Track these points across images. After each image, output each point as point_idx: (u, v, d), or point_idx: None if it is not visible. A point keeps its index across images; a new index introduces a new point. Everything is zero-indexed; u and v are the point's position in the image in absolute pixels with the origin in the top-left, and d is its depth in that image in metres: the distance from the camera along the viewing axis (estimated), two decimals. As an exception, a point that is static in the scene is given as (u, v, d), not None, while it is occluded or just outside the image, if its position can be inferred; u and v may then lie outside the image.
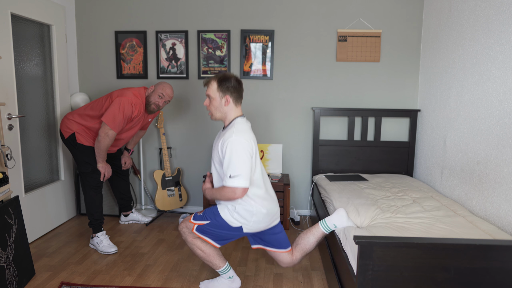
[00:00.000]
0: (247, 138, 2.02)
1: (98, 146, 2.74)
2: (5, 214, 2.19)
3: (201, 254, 2.17)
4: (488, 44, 2.35)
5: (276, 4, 3.45)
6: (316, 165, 3.50)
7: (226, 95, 2.08)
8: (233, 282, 2.27)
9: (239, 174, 1.96)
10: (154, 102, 2.87)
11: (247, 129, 2.08)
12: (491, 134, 2.28)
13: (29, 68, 2.97)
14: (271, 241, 2.26)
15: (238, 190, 1.97)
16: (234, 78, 2.11)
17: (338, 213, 2.22)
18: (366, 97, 3.50)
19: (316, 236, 2.27)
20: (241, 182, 1.97)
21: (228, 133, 2.02)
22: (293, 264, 2.30)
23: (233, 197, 1.99)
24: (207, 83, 2.12)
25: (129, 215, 3.40)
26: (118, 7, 3.55)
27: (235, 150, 1.97)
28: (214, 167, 2.15)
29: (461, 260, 1.55)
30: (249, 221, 2.10)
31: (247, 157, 1.99)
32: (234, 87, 2.09)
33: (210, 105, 2.13)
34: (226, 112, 2.12)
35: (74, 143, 2.83)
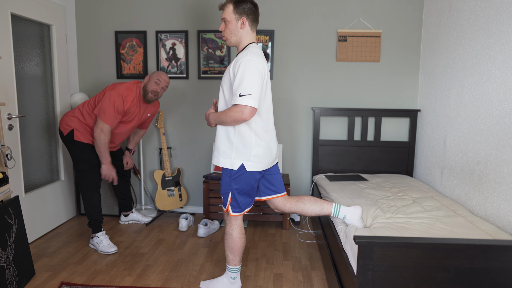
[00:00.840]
0: (260, 61, 1.97)
1: (97, 145, 2.75)
2: (5, 214, 2.19)
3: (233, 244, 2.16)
4: (488, 44, 2.35)
5: (276, 4, 3.45)
6: (316, 165, 3.50)
7: (243, 17, 2.03)
8: (233, 284, 2.26)
9: (249, 93, 1.88)
10: (151, 90, 2.85)
11: (261, 53, 2.03)
12: (491, 134, 2.28)
13: (29, 68, 2.97)
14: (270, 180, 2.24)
15: (247, 109, 1.88)
16: (251, 0, 2.05)
17: (355, 209, 2.19)
18: (366, 97, 3.50)
19: (322, 211, 2.27)
20: (251, 101, 1.88)
21: (242, 54, 1.97)
22: (282, 212, 2.32)
23: (240, 118, 1.90)
24: (223, 6, 2.06)
25: (129, 215, 3.40)
26: (118, 7, 3.55)
27: (248, 69, 1.90)
28: (222, 93, 2.08)
29: (461, 260, 1.55)
30: (249, 156, 2.04)
31: (259, 78, 1.93)
32: (250, 9, 2.04)
33: (225, 29, 2.07)
34: (242, 36, 2.06)
35: (72, 140, 2.83)
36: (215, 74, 3.55)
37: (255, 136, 2.04)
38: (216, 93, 3.59)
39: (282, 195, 2.30)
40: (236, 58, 2.00)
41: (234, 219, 2.16)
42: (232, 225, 2.17)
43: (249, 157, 2.04)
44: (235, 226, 2.17)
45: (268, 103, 2.11)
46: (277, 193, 2.28)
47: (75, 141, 2.82)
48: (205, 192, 3.31)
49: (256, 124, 2.05)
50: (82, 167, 2.81)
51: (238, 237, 2.17)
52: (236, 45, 2.11)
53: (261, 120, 2.07)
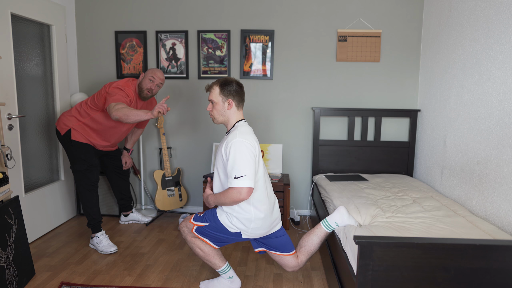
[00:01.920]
0: (250, 140, 2.03)
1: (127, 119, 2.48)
2: (5, 214, 2.19)
3: (201, 253, 2.18)
4: (488, 44, 2.35)
5: (276, 4, 3.45)
6: (316, 165, 3.50)
7: (229, 99, 2.11)
8: (233, 282, 2.27)
9: (244, 174, 1.96)
10: (146, 87, 2.84)
11: (249, 131, 2.10)
12: (491, 134, 2.28)
13: (29, 68, 2.97)
14: (274, 244, 2.25)
15: (244, 190, 1.96)
16: (236, 82, 2.14)
17: (339, 211, 2.23)
18: (366, 97, 3.50)
19: (319, 236, 2.27)
20: (246, 182, 1.96)
21: (231, 136, 2.04)
22: (298, 267, 2.29)
23: (238, 198, 1.98)
24: (209, 88, 2.15)
25: (129, 215, 3.40)
26: (118, 7, 3.55)
27: (239, 151, 1.98)
28: (217, 173, 2.15)
29: (461, 260, 1.55)
30: (248, 227, 2.10)
31: (251, 157, 2.00)
32: (236, 91, 2.12)
33: (213, 109, 2.15)
34: (229, 116, 2.14)
35: (69, 140, 2.82)
36: (215, 74, 3.55)
37: (254, 209, 2.08)
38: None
39: (290, 254, 2.28)
40: (227, 140, 2.06)
41: (191, 237, 2.18)
42: (191, 243, 2.19)
43: (248, 229, 2.11)
44: (194, 245, 2.18)
45: (262, 175, 2.14)
46: (285, 252, 2.27)
47: (73, 141, 2.81)
48: (205, 192, 3.31)
49: (254, 198, 2.08)
50: (80, 167, 2.80)
51: (203, 249, 2.18)
52: (224, 123, 2.20)
53: (258, 194, 2.10)
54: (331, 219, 2.24)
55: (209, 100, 2.16)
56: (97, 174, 2.87)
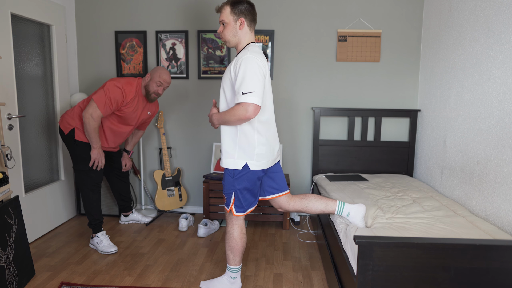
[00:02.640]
0: (261, 59, 1.99)
1: (86, 129, 2.68)
2: (5, 214, 2.19)
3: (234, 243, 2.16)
4: (488, 44, 2.35)
5: (276, 4, 3.45)
6: (316, 165, 3.50)
7: (241, 17, 2.05)
8: (233, 283, 2.26)
9: (252, 90, 1.89)
10: (153, 91, 2.83)
11: (261, 52, 2.05)
12: (491, 134, 2.28)
13: (29, 68, 2.97)
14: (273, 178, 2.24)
15: (251, 107, 1.89)
16: (247, 1, 2.07)
17: (360, 207, 2.21)
18: (366, 97, 3.50)
19: (326, 207, 2.28)
20: (254, 99, 1.89)
21: (242, 53, 1.98)
22: (286, 210, 2.32)
23: (244, 116, 1.90)
24: (220, 8, 2.08)
25: (129, 215, 3.40)
26: (118, 7, 3.55)
27: (250, 67, 1.91)
28: (223, 93, 2.08)
29: (461, 260, 1.55)
30: (252, 155, 2.04)
31: (261, 76, 1.95)
32: (248, 10, 2.06)
33: (224, 30, 2.09)
34: (241, 36, 2.07)
35: (73, 139, 2.81)
36: (215, 74, 3.55)
37: (257, 135, 2.05)
38: (216, 93, 3.59)
39: (285, 193, 2.30)
40: (236, 57, 2.01)
41: (235, 219, 2.16)
42: (233, 224, 2.17)
43: (252, 156, 2.05)
44: (236, 226, 2.17)
45: (269, 102, 2.12)
46: (281, 191, 2.28)
47: (76, 141, 2.80)
48: (205, 192, 3.31)
49: (259, 122, 2.05)
50: (83, 167, 2.80)
51: (239, 237, 2.17)
52: (235, 46, 2.12)
53: (263, 118, 2.07)
54: (348, 207, 2.23)
55: (219, 22, 2.10)
56: (100, 174, 2.86)
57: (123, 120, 2.87)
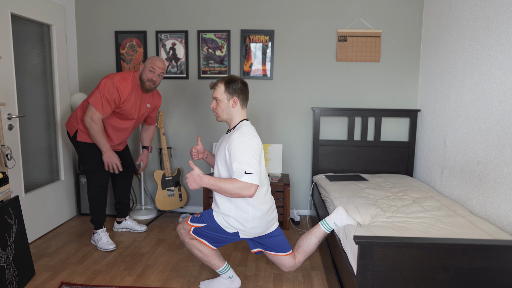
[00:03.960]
0: (256, 141, 2.04)
1: (91, 134, 2.68)
2: (5, 214, 2.19)
3: (199, 254, 2.18)
4: (488, 44, 2.35)
5: (276, 4, 3.45)
6: (316, 165, 3.50)
7: (234, 97, 2.11)
8: (233, 282, 2.27)
9: (254, 172, 1.94)
10: (147, 79, 2.73)
11: (253, 131, 2.10)
12: (491, 134, 2.28)
13: (29, 68, 2.97)
14: (270, 244, 2.25)
15: (253, 188, 1.94)
16: (241, 80, 2.14)
17: (337, 212, 2.23)
18: (366, 97, 3.50)
19: (317, 236, 2.27)
20: (256, 180, 1.94)
21: (238, 134, 2.02)
22: (295, 267, 2.29)
23: (246, 193, 1.94)
24: (214, 85, 2.13)
25: (122, 222, 3.23)
26: (118, 7, 3.55)
27: (250, 149, 1.97)
28: (217, 169, 2.14)
29: (461, 260, 1.55)
30: (245, 227, 2.10)
31: (258, 157, 2.01)
32: (241, 89, 2.12)
33: (217, 107, 2.14)
34: (233, 114, 2.13)
35: (77, 142, 2.82)
36: (215, 74, 3.55)
37: (252, 209, 2.08)
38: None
39: (287, 254, 2.27)
40: (230, 138, 2.03)
41: (189, 238, 2.18)
42: (189, 245, 2.19)
43: (245, 228, 2.11)
44: (192, 246, 2.18)
45: (264, 175, 2.16)
46: (282, 252, 2.27)
47: (79, 142, 2.81)
48: (205, 192, 3.31)
49: (253, 198, 2.08)
50: (88, 168, 2.80)
51: (202, 250, 2.18)
52: (227, 122, 2.18)
53: (258, 193, 2.10)
54: (330, 220, 2.24)
55: (213, 98, 2.15)
56: (106, 175, 2.84)
57: (123, 116, 2.82)
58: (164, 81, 3.61)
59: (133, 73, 2.79)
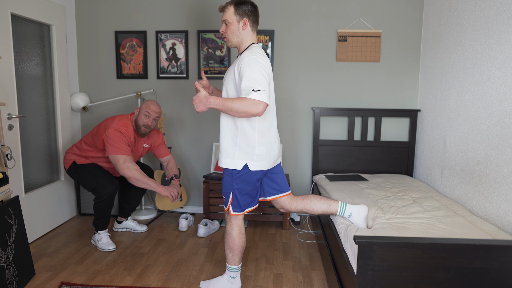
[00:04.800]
0: (266, 60, 2.01)
1: (136, 180, 2.67)
2: (5, 214, 2.19)
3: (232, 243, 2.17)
4: (488, 44, 2.35)
5: (276, 4, 3.45)
6: (316, 165, 3.50)
7: (244, 18, 2.06)
8: (233, 283, 2.26)
9: (263, 89, 1.89)
10: (143, 124, 2.80)
11: (264, 53, 2.06)
12: (491, 134, 2.28)
13: (29, 68, 2.97)
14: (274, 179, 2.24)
15: (261, 105, 1.87)
16: (250, 2, 2.09)
17: (362, 208, 2.22)
18: (366, 97, 3.50)
19: (328, 208, 2.28)
20: (264, 98, 1.88)
21: (248, 53, 1.99)
22: (288, 211, 2.32)
23: (254, 111, 1.88)
24: (223, 8, 2.08)
25: (122, 222, 3.23)
26: (118, 7, 3.55)
27: (258, 67, 1.92)
28: (226, 92, 2.08)
29: (461, 260, 1.55)
30: (252, 155, 2.04)
31: (268, 76, 1.97)
32: (251, 11, 2.07)
33: (227, 30, 2.09)
34: (243, 37, 2.09)
35: (75, 169, 2.85)
36: (215, 74, 3.55)
37: (258, 135, 2.05)
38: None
39: (287, 194, 2.30)
40: (239, 57, 2.01)
41: (234, 218, 2.17)
42: (232, 224, 2.17)
43: (252, 156, 2.05)
44: (235, 225, 2.17)
45: (272, 103, 2.13)
46: (282, 192, 2.28)
47: (77, 166, 2.85)
48: (205, 192, 3.31)
49: (260, 123, 2.05)
50: (90, 185, 2.79)
51: (238, 236, 2.17)
52: (237, 46, 2.13)
53: (265, 119, 2.08)
54: (350, 208, 2.23)
55: (222, 21, 2.10)
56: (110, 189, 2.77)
57: None
58: (164, 81, 3.61)
59: (130, 116, 2.87)
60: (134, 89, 3.64)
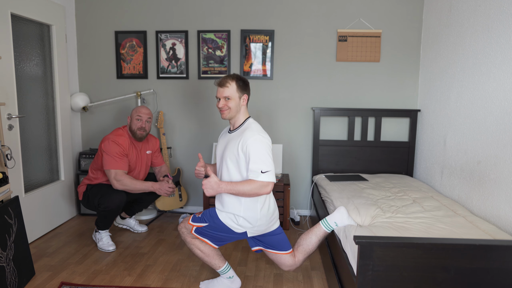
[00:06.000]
0: (268, 137, 2.07)
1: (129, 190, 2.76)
2: (5, 214, 2.19)
3: (200, 254, 2.18)
4: (488, 44, 2.35)
5: (276, 4, 3.45)
6: (316, 165, 3.50)
7: (245, 94, 2.13)
8: (233, 282, 2.27)
9: (270, 169, 1.98)
10: (137, 128, 2.85)
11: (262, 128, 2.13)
12: (491, 134, 2.28)
13: (29, 68, 2.97)
14: (271, 242, 2.25)
15: (270, 185, 1.99)
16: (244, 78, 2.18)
17: (339, 211, 2.24)
18: (366, 97, 3.50)
19: (318, 235, 2.27)
20: (272, 178, 1.99)
21: (250, 133, 2.03)
22: (295, 266, 2.29)
23: (264, 192, 1.99)
24: (225, 84, 2.10)
25: (126, 219, 3.23)
26: (118, 7, 3.55)
27: (265, 147, 2.00)
28: (226, 166, 2.11)
29: (461, 260, 1.55)
30: (254, 225, 2.11)
31: (271, 154, 2.05)
32: (248, 87, 2.17)
33: (228, 104, 2.10)
34: (242, 112, 2.15)
35: (87, 193, 2.86)
36: (215, 74, 3.55)
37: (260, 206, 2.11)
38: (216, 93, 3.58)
39: (288, 252, 2.27)
40: (243, 137, 2.03)
41: (191, 238, 2.18)
42: (190, 244, 2.19)
43: (254, 227, 2.12)
44: (193, 246, 2.18)
45: None
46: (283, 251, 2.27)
47: (87, 188, 2.87)
48: (205, 192, 3.31)
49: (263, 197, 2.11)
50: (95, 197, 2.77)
51: (204, 249, 2.18)
52: (232, 119, 2.16)
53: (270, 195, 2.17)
54: (330, 219, 2.25)
55: (222, 97, 2.11)
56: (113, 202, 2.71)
57: (130, 168, 2.90)
58: (164, 81, 3.61)
59: (123, 128, 2.92)
60: (134, 89, 3.64)
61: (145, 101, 3.63)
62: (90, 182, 2.90)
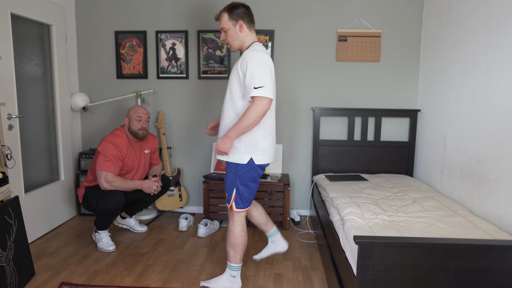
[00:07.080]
0: (266, 56, 2.06)
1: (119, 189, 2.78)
2: (5, 214, 2.19)
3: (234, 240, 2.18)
4: (488, 44, 2.35)
5: (276, 4, 3.45)
6: (316, 165, 3.50)
7: (239, 21, 2.12)
8: (233, 282, 2.26)
9: (264, 85, 1.94)
10: (138, 128, 2.86)
11: (265, 50, 2.12)
12: (491, 134, 2.28)
13: (29, 68, 2.97)
14: None
15: (266, 100, 1.94)
16: (242, 4, 2.15)
17: None
18: (366, 97, 3.50)
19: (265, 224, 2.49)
20: (267, 93, 1.94)
21: (248, 51, 2.06)
22: None
23: (262, 109, 1.94)
24: (218, 17, 2.16)
25: (126, 218, 3.24)
26: (118, 7, 3.55)
27: (258, 63, 1.98)
28: (230, 93, 2.11)
29: (461, 260, 1.55)
30: (257, 149, 2.09)
31: (270, 72, 2.02)
32: (244, 12, 2.14)
33: (226, 36, 2.16)
34: (243, 39, 2.15)
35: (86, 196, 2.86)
36: (215, 74, 3.55)
37: (262, 130, 2.10)
38: (216, 93, 3.59)
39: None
40: (241, 56, 2.07)
41: (237, 215, 2.18)
42: (234, 221, 2.19)
43: (257, 150, 2.10)
44: (237, 222, 2.19)
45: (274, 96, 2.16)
46: None
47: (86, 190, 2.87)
48: (205, 192, 3.31)
49: (264, 119, 2.10)
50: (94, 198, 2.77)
51: (240, 234, 2.18)
52: (240, 49, 2.20)
53: (268, 114, 2.13)
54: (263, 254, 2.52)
55: (220, 29, 2.17)
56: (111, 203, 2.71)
57: (128, 168, 2.90)
58: (164, 81, 3.61)
59: (121, 128, 2.91)
60: (134, 89, 3.64)
61: (145, 101, 3.63)
62: (89, 184, 2.89)
